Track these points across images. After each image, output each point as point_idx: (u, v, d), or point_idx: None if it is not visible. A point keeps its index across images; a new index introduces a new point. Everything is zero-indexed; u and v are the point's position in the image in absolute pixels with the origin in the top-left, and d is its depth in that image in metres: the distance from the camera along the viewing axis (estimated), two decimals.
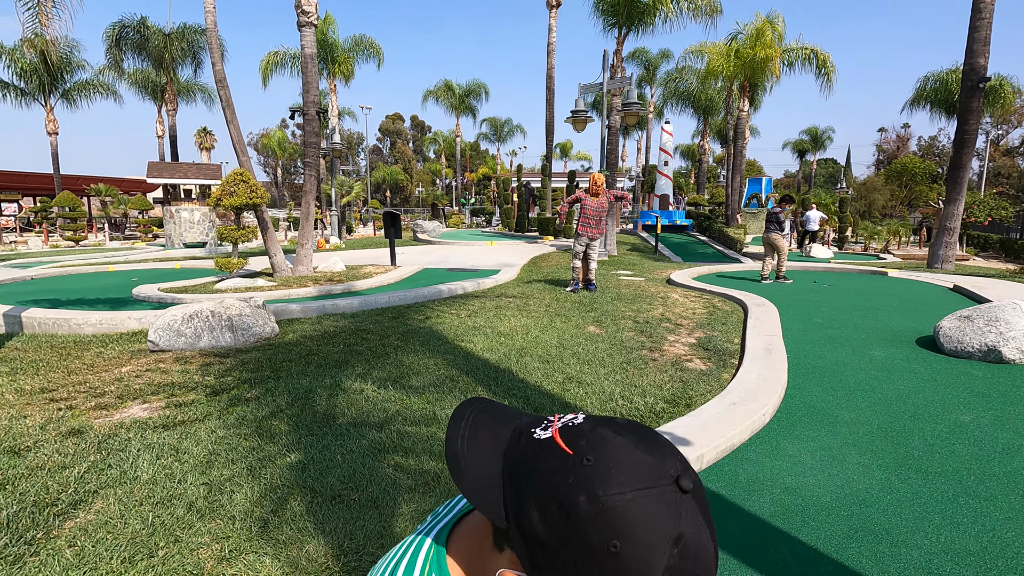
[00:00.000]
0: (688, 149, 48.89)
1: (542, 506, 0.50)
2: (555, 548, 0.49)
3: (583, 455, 0.50)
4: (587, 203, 8.08)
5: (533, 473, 0.52)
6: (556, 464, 0.51)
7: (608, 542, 0.47)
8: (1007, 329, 4.79)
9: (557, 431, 0.54)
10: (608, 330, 5.94)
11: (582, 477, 0.49)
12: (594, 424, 0.54)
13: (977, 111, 11.42)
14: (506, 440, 0.58)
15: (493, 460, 0.56)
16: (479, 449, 0.58)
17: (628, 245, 18.33)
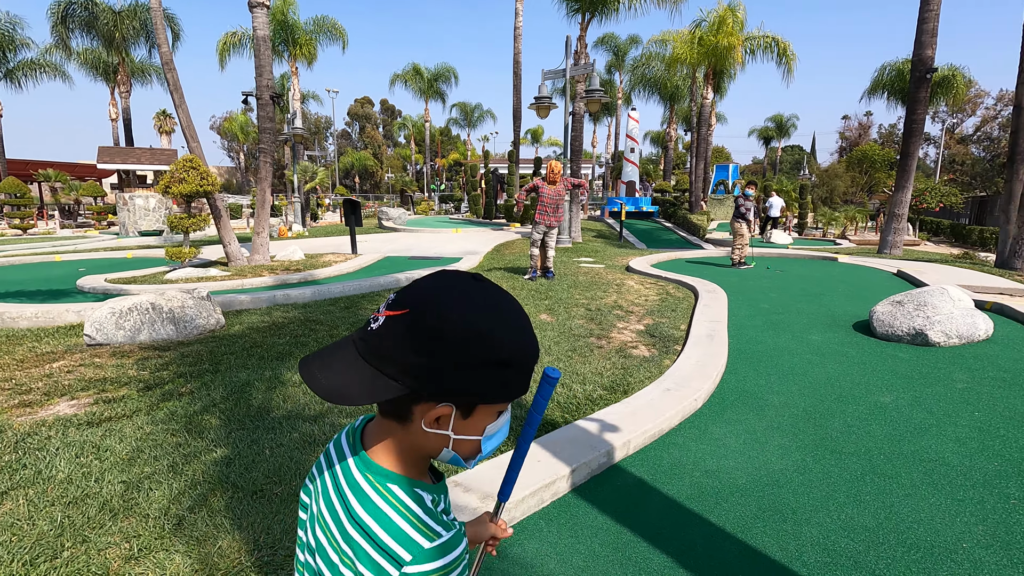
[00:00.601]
0: (657, 136, 49.29)
1: (417, 350, 0.65)
2: (439, 365, 0.66)
3: (416, 310, 0.67)
4: (544, 191, 8.09)
5: (397, 343, 0.66)
6: (405, 323, 0.66)
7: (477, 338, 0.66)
8: (934, 313, 5.01)
9: (386, 315, 0.68)
10: (559, 318, 6.00)
11: (429, 315, 0.66)
12: (402, 293, 0.70)
13: (924, 101, 11.78)
14: (353, 354, 0.69)
15: (360, 370, 0.68)
16: (343, 375, 0.68)
17: (594, 232, 18.46)
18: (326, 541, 0.74)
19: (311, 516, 0.79)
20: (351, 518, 0.71)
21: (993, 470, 2.89)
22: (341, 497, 0.73)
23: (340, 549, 0.71)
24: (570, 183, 8.43)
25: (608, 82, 36.65)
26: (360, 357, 0.69)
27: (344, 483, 0.74)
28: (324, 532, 0.74)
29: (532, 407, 0.88)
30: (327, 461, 0.79)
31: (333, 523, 0.73)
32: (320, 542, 0.75)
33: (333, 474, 0.77)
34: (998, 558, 2.19)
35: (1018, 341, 5.07)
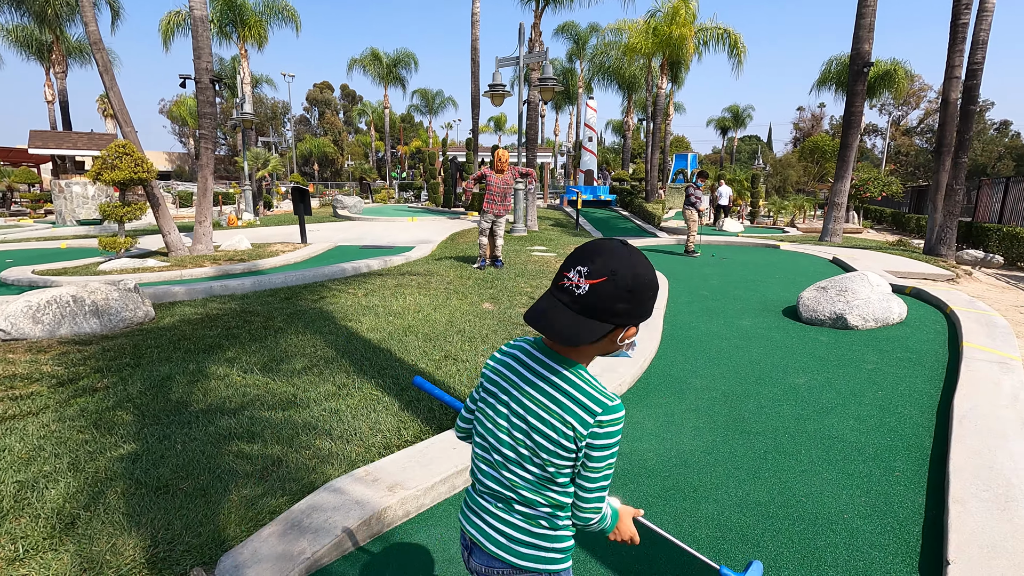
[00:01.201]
0: (618, 124, 49.70)
1: (621, 300, 1.00)
2: (633, 307, 1.02)
3: (612, 276, 1.00)
4: (492, 180, 8.08)
5: (606, 300, 1.00)
6: (609, 287, 1.00)
7: (648, 284, 1.03)
8: (853, 298, 5.26)
9: (589, 283, 1.01)
10: (501, 306, 6.04)
11: (623, 278, 1.01)
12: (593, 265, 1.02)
13: (862, 94, 12.24)
14: (570, 313, 1.02)
15: (581, 322, 1.01)
16: (570, 327, 1.01)
17: (551, 220, 18.56)
18: (538, 412, 1.09)
19: (509, 404, 1.13)
20: (561, 392, 1.08)
21: (885, 445, 3.07)
22: (548, 382, 1.09)
23: (551, 413, 1.08)
24: (519, 172, 8.45)
25: (569, 70, 36.69)
26: (578, 314, 1.01)
27: (549, 373, 1.10)
28: (534, 408, 1.10)
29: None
30: (521, 371, 1.14)
31: (544, 398, 1.09)
32: (528, 417, 1.10)
33: (533, 371, 1.12)
34: (873, 526, 2.35)
35: (928, 323, 5.38)
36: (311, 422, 3.18)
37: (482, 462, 1.19)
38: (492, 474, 1.17)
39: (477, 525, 1.20)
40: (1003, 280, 9.31)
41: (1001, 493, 2.40)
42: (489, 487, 1.18)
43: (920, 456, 2.95)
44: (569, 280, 1.02)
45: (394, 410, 3.40)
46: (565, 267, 1.04)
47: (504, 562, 1.16)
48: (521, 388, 1.12)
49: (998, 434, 2.95)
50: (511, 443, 1.13)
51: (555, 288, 1.05)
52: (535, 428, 1.09)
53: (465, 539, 1.24)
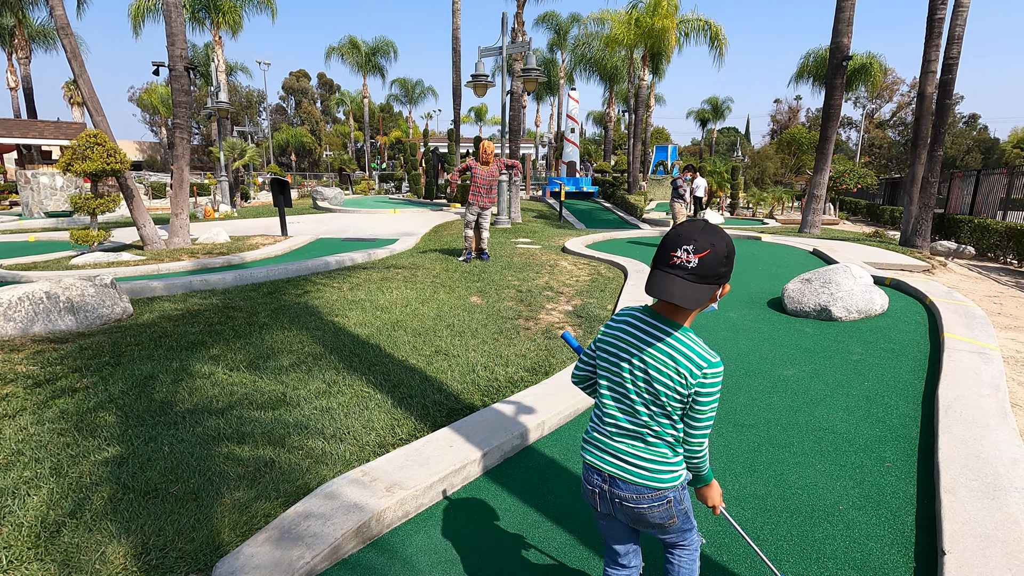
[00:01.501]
0: (599, 116, 49.75)
1: (723, 264, 1.31)
2: (729, 268, 1.33)
3: (712, 247, 1.30)
4: (477, 172, 8.01)
5: (713, 266, 1.30)
6: (713, 255, 1.30)
7: (733, 249, 1.33)
8: (837, 290, 5.35)
9: (697, 257, 1.29)
10: (489, 300, 6.00)
11: (720, 248, 1.31)
12: (696, 242, 1.30)
13: (841, 87, 12.41)
14: (684, 282, 1.30)
15: (695, 287, 1.30)
16: (688, 291, 1.29)
17: (534, 212, 18.53)
18: (656, 366, 1.38)
19: (631, 360, 1.42)
20: (674, 349, 1.37)
21: (874, 436, 3.13)
22: (663, 342, 1.38)
23: (667, 366, 1.37)
24: (504, 164, 8.39)
25: (550, 61, 36.52)
26: (693, 282, 1.30)
27: (662, 335, 1.39)
28: (653, 363, 1.38)
29: None
30: (637, 333, 1.43)
31: (660, 354, 1.38)
32: (649, 370, 1.39)
33: (649, 333, 1.41)
34: (868, 517, 2.38)
35: (909, 314, 5.49)
36: (302, 421, 3.12)
37: (615, 408, 1.49)
38: (626, 416, 1.47)
39: (616, 463, 1.48)
40: (975, 271, 9.57)
41: (989, 482, 2.45)
42: (623, 427, 1.47)
43: (909, 446, 3.01)
44: (679, 258, 1.31)
45: (387, 407, 3.35)
46: (670, 248, 1.32)
47: (646, 487, 1.45)
48: (640, 347, 1.42)
49: (981, 423, 3.03)
50: (636, 390, 1.43)
51: (667, 266, 1.32)
52: (655, 379, 1.39)
53: (601, 476, 1.50)
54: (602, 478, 1.49)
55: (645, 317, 1.44)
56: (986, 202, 13.85)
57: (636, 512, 1.47)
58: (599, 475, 1.50)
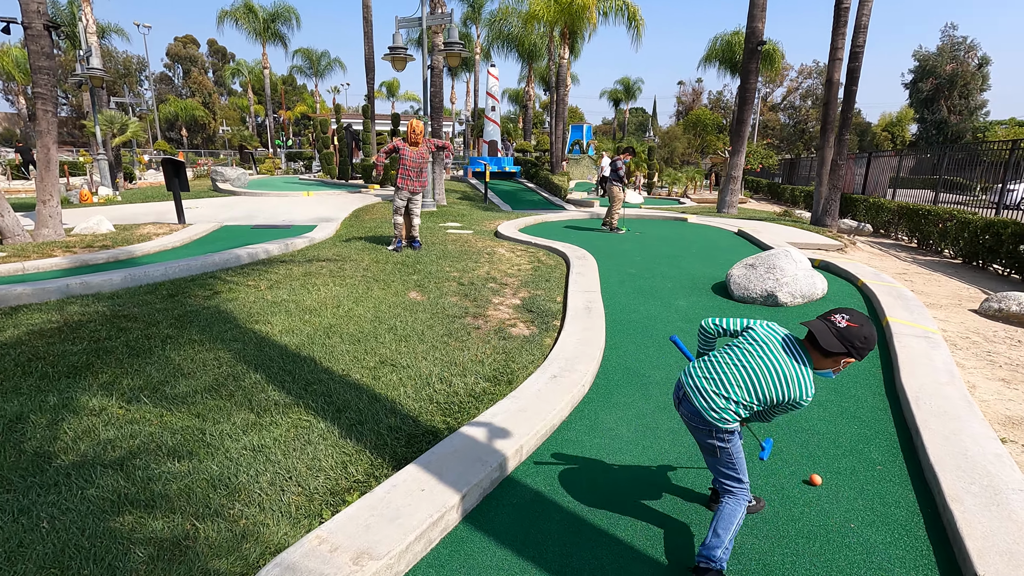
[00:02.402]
0: (515, 94, 49.34)
1: (860, 340, 1.86)
2: (860, 348, 1.88)
3: (858, 324, 1.88)
4: (406, 153, 7.39)
5: (852, 337, 1.86)
6: (855, 331, 1.87)
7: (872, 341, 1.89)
8: (782, 276, 5.39)
9: (848, 323, 1.89)
10: (431, 295, 5.51)
11: (864, 328, 1.88)
12: (851, 315, 1.91)
13: (756, 72, 12.84)
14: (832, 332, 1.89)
15: (837, 345, 1.87)
16: (836, 341, 1.87)
17: (458, 193, 17.94)
18: (777, 376, 1.92)
19: (763, 359, 1.95)
20: (798, 373, 1.91)
21: (854, 434, 3.06)
22: (796, 362, 1.92)
23: (786, 381, 1.91)
24: (433, 144, 7.81)
25: (465, 35, 35.45)
26: (834, 336, 1.86)
27: (797, 358, 1.92)
28: (775, 371, 1.93)
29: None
30: (780, 347, 1.96)
31: (786, 369, 1.91)
32: (771, 375, 1.92)
33: (790, 352, 1.94)
34: (883, 536, 2.25)
35: (846, 298, 5.67)
36: (229, 468, 2.55)
37: (716, 368, 2.03)
38: (718, 379, 2.00)
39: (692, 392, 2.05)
40: (876, 248, 10.29)
41: (987, 485, 2.40)
42: (713, 377, 2.02)
43: (890, 444, 2.96)
44: (835, 320, 1.89)
45: (334, 439, 2.84)
46: (830, 314, 1.92)
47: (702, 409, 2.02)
48: (779, 356, 1.93)
49: (953, 415, 3.04)
50: (742, 379, 1.97)
51: (825, 320, 1.91)
52: (768, 381, 1.93)
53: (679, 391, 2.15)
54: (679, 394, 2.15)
55: (794, 341, 1.98)
56: (878, 181, 15.04)
57: (694, 425, 2.08)
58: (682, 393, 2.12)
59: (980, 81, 47.47)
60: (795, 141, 57.28)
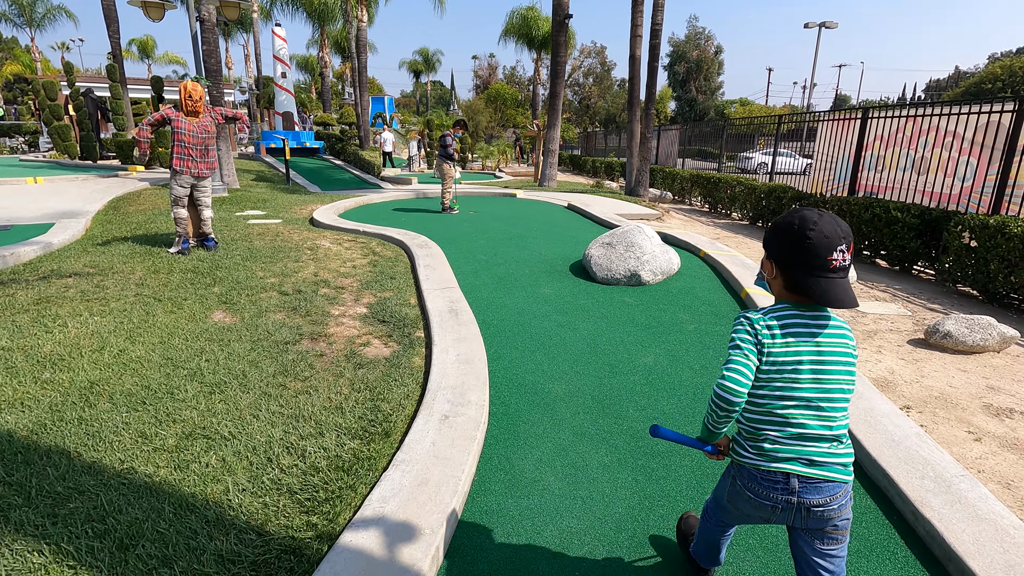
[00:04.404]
0: (306, 61, 44.80)
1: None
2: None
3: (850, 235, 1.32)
4: (182, 125, 5.64)
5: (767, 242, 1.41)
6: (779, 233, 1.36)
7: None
8: (641, 254, 5.24)
9: (850, 252, 1.31)
10: (245, 314, 4.20)
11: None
12: (845, 234, 1.30)
13: (564, 44, 13.00)
14: (847, 281, 1.32)
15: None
16: (852, 293, 1.30)
17: (253, 174, 15.40)
18: (843, 354, 1.36)
19: (821, 352, 1.34)
20: (847, 335, 1.38)
21: None
22: (841, 331, 1.38)
23: (852, 354, 1.37)
24: (220, 114, 6.12)
25: None
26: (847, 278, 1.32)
27: (839, 326, 1.38)
28: (842, 353, 1.36)
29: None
30: (812, 326, 1.36)
31: (845, 342, 1.37)
32: (839, 358, 1.35)
33: (825, 325, 1.37)
34: (871, 565, 1.97)
35: (698, 270, 5.78)
36: None
37: (802, 416, 1.35)
38: (821, 418, 1.35)
39: (823, 469, 1.35)
40: (683, 214, 11.25)
41: (932, 475, 2.30)
42: (817, 433, 1.35)
43: None
44: (837, 260, 1.28)
45: None
46: (825, 251, 1.27)
47: (842, 483, 1.37)
48: (823, 339, 1.35)
49: (855, 393, 3.00)
50: (826, 383, 1.36)
51: (829, 271, 1.28)
52: (844, 363, 1.37)
53: (803, 492, 1.35)
54: (787, 488, 1.37)
55: (805, 311, 1.37)
56: (668, 152, 16.67)
57: (835, 513, 1.39)
58: (786, 487, 1.38)
59: (717, 66, 56.59)
60: (583, 116, 62.29)
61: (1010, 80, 48.11)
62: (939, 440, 2.78)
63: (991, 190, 6.11)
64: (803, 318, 1.35)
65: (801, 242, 1.27)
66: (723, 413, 1.36)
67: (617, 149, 25.27)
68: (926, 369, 3.69)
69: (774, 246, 1.37)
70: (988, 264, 5.25)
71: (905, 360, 3.82)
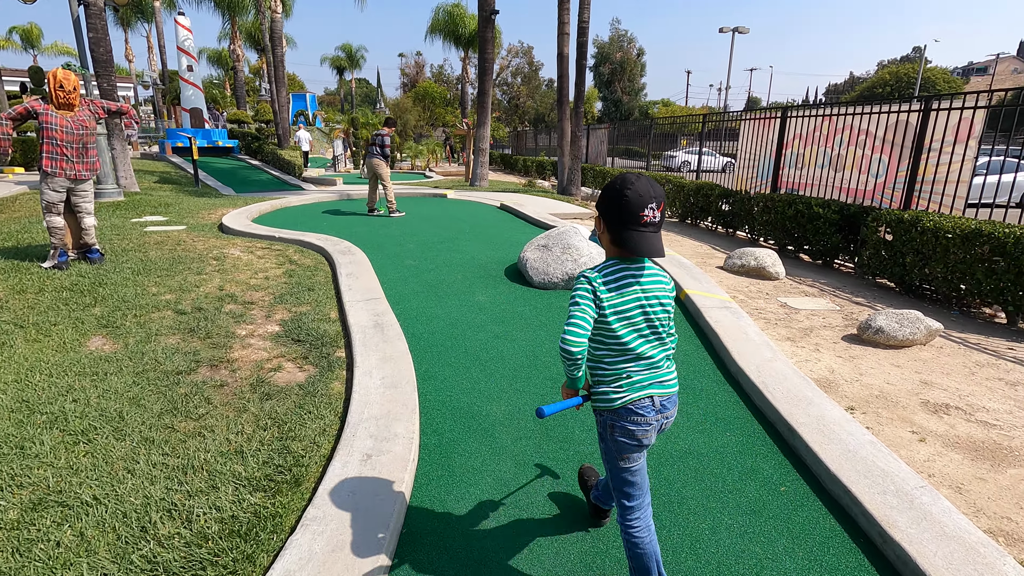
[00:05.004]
0: (219, 55, 42.01)
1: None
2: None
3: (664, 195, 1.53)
4: (51, 120, 4.86)
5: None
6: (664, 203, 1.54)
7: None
8: (579, 256, 5.03)
9: (661, 210, 1.50)
10: (130, 339, 3.59)
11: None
12: (659, 193, 1.49)
13: (491, 40, 12.71)
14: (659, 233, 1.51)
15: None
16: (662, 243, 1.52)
17: (156, 176, 14.07)
18: (663, 296, 1.58)
19: (645, 294, 1.55)
20: (664, 279, 1.61)
21: (734, 448, 2.67)
22: (658, 277, 1.60)
23: (669, 294, 1.61)
24: (101, 107, 5.35)
25: None
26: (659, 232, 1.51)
27: (656, 273, 1.60)
28: (662, 293, 1.58)
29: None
30: (636, 276, 1.55)
31: (663, 286, 1.60)
32: (660, 298, 1.58)
33: (645, 273, 1.57)
34: None
35: None
36: None
37: (640, 346, 1.57)
38: (652, 346, 1.58)
39: (662, 385, 1.61)
40: None
41: (894, 488, 2.18)
42: (660, 359, 1.60)
43: (769, 452, 2.65)
44: (649, 216, 1.46)
45: None
46: (637, 208, 1.45)
47: (677, 392, 1.66)
48: (645, 284, 1.56)
49: (805, 400, 2.90)
50: (657, 321, 1.58)
51: (640, 225, 1.47)
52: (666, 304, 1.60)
53: (653, 405, 1.59)
54: (653, 406, 1.59)
55: (629, 263, 1.56)
56: (597, 152, 16.78)
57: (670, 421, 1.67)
58: (651, 407, 1.58)
59: (640, 68, 58.44)
60: (512, 115, 62.42)
61: (897, 84, 52.90)
62: (886, 442, 2.71)
63: (902, 186, 6.39)
64: (629, 270, 1.55)
65: (619, 199, 1.47)
66: (571, 362, 1.53)
67: (548, 148, 25.34)
68: (863, 366, 3.69)
69: (603, 204, 1.54)
70: (904, 257, 5.45)
71: (843, 358, 3.81)
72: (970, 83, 70.07)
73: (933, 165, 6.07)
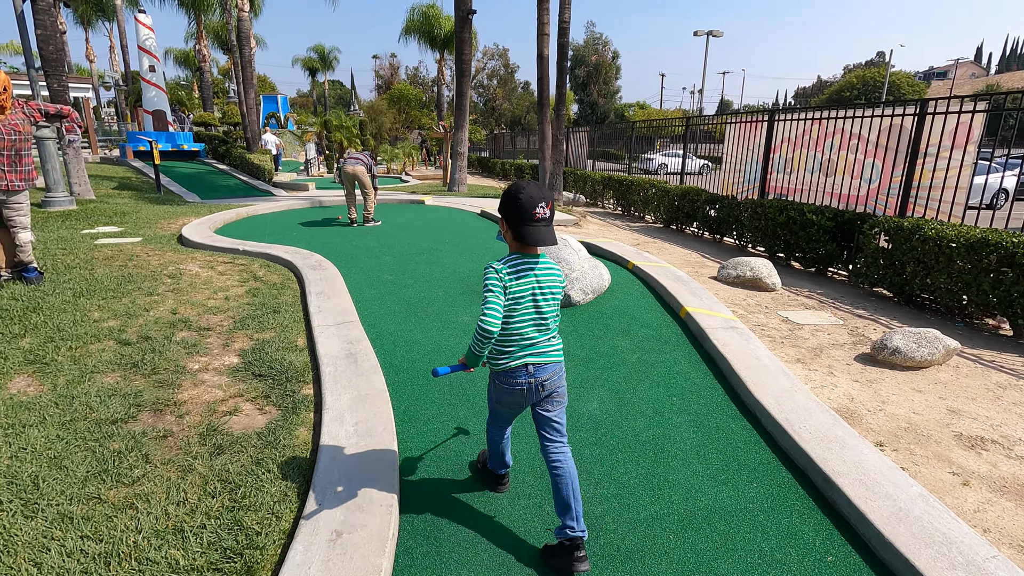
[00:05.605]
0: (184, 55, 40.72)
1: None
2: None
3: (551, 197, 1.89)
4: None
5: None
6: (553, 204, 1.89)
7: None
8: (569, 271, 4.68)
9: (550, 208, 1.85)
10: (60, 379, 3.10)
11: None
12: (545, 195, 1.83)
13: (469, 41, 12.33)
14: (552, 227, 1.85)
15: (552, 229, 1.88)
16: (554, 235, 1.86)
17: (114, 182, 13.31)
18: (552, 286, 1.90)
19: (539, 283, 1.87)
20: (556, 271, 1.94)
21: (764, 503, 2.33)
22: (551, 270, 1.92)
23: (559, 284, 1.94)
24: (38, 109, 4.80)
25: None
26: (551, 225, 1.83)
27: (549, 265, 1.92)
28: (552, 284, 1.90)
29: None
30: (532, 267, 1.86)
31: (555, 278, 1.92)
32: (551, 288, 1.90)
33: (540, 265, 1.88)
34: None
35: (629, 286, 5.29)
36: None
37: (526, 326, 1.89)
38: (536, 326, 1.90)
39: (539, 356, 1.92)
40: (599, 218, 10.98)
41: (963, 560, 1.86)
42: (541, 340, 1.92)
43: (806, 509, 2.32)
44: (540, 213, 1.78)
45: None
46: (530, 207, 1.77)
47: (560, 362, 1.99)
48: (541, 277, 1.88)
49: (838, 442, 2.58)
50: (539, 303, 1.89)
51: (534, 221, 1.78)
52: (555, 290, 1.93)
53: (537, 373, 1.93)
54: (535, 378, 1.93)
55: (527, 257, 1.87)
56: (578, 155, 16.51)
57: (557, 385, 1.99)
58: (535, 376, 1.93)
59: (615, 71, 58.63)
60: (489, 118, 61.99)
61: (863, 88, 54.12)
62: (927, 486, 2.41)
63: (897, 191, 6.20)
64: (528, 262, 1.86)
65: (515, 202, 1.78)
66: (486, 342, 1.80)
67: (526, 151, 25.01)
68: (883, 392, 3.40)
69: (503, 208, 1.84)
70: (904, 266, 5.23)
71: (860, 383, 3.52)
72: (931, 87, 72.27)
73: (930, 170, 5.89)
